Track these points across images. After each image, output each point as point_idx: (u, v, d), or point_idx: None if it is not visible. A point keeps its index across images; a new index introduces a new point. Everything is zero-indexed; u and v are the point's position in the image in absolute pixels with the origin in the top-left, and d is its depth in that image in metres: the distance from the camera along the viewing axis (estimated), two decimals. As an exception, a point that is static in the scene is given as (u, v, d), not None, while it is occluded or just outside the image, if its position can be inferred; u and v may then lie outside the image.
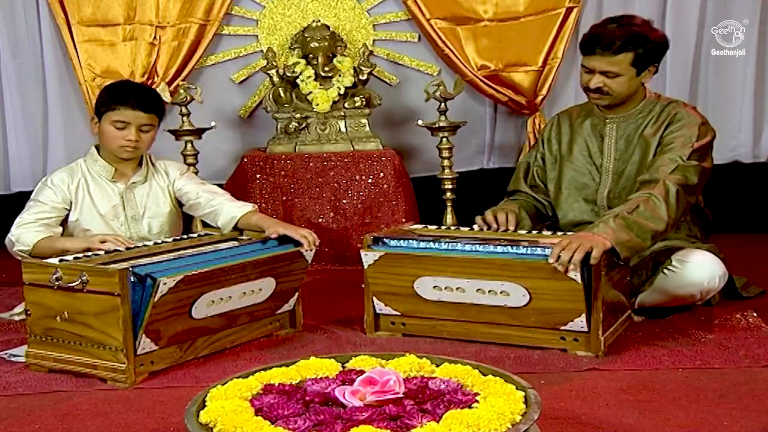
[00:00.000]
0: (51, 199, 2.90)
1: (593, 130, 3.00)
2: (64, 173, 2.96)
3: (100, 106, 2.93)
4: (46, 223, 2.85)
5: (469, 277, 2.58)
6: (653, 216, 2.60)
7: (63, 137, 4.43)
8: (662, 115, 2.88)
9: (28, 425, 2.14)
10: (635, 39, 2.80)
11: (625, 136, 2.92)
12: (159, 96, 3.13)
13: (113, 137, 2.90)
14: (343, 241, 4.01)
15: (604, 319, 2.48)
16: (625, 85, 2.85)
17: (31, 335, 2.52)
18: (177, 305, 2.42)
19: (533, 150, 3.20)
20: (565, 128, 3.07)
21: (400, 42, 4.52)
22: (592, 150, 2.98)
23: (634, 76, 2.84)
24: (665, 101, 2.94)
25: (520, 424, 1.64)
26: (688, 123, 2.82)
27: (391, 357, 1.99)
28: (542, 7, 4.32)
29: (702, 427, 2.00)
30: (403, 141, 4.54)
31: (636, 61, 2.81)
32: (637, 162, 2.87)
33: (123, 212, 2.97)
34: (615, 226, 2.53)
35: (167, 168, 3.07)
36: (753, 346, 2.55)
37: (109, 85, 3.08)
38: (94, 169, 2.97)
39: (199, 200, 3.00)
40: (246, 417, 1.67)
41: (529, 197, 3.11)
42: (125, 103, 2.88)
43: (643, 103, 2.92)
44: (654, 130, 2.86)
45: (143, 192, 3.00)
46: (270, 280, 2.68)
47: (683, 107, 2.90)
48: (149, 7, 4.32)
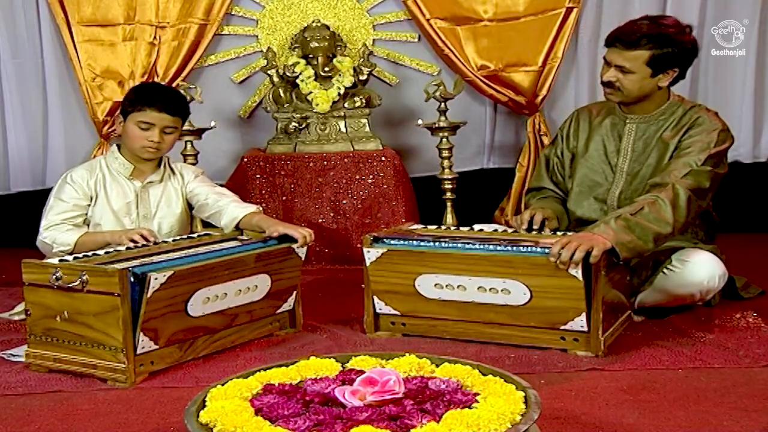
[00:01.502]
0: (72, 196, 2.94)
1: (612, 129, 2.98)
2: (83, 170, 3.01)
3: (128, 105, 2.97)
4: (75, 223, 2.91)
5: (471, 274, 2.58)
6: (657, 219, 2.59)
7: (63, 137, 4.43)
8: (684, 119, 2.85)
9: (28, 425, 2.14)
10: (656, 38, 2.76)
11: (644, 137, 2.90)
12: (185, 99, 3.17)
13: (137, 137, 2.92)
14: (343, 241, 4.01)
15: (604, 319, 2.48)
16: (637, 84, 2.82)
17: (30, 335, 2.52)
18: (171, 302, 2.43)
19: (553, 145, 3.17)
20: (584, 125, 3.05)
21: (400, 42, 4.52)
22: (609, 149, 2.96)
23: (648, 76, 2.81)
24: (688, 105, 2.91)
25: (520, 424, 1.64)
26: (708, 128, 2.79)
27: (391, 357, 1.99)
28: (542, 7, 4.31)
29: (702, 427, 2.00)
30: (403, 141, 4.54)
31: (652, 61, 2.78)
32: (653, 165, 2.85)
33: (136, 210, 3.00)
34: (616, 227, 2.53)
35: (183, 171, 3.12)
36: (753, 346, 2.55)
37: (138, 85, 3.18)
38: (113, 165, 3.00)
39: (207, 201, 3.03)
40: (246, 417, 1.67)
41: (555, 194, 3.09)
42: (152, 105, 2.91)
43: (665, 106, 2.90)
44: (673, 134, 2.84)
45: (157, 192, 3.03)
46: (265, 277, 2.68)
47: (705, 112, 2.87)
48: (149, 7, 4.32)
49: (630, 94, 2.85)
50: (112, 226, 2.93)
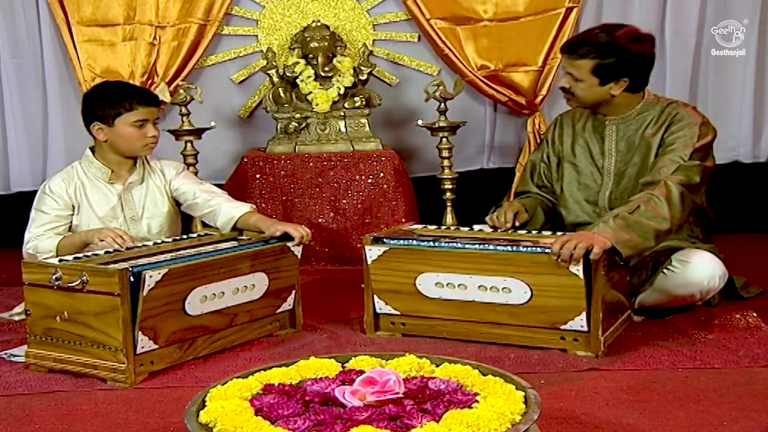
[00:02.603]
0: (53, 207, 2.91)
1: (594, 131, 2.99)
2: (60, 179, 2.96)
3: (109, 110, 2.88)
4: (57, 233, 2.89)
5: (472, 273, 2.58)
6: (655, 215, 2.60)
7: (63, 137, 4.42)
8: (662, 116, 2.87)
9: (28, 425, 2.14)
10: (601, 47, 2.79)
11: (626, 137, 2.92)
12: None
13: (136, 137, 2.90)
14: (342, 241, 4.01)
15: (603, 319, 2.49)
16: (588, 91, 2.85)
17: (30, 335, 2.52)
18: (169, 300, 2.43)
19: (538, 150, 3.20)
20: (568, 129, 3.07)
21: (400, 42, 4.52)
22: (594, 152, 2.98)
23: (596, 84, 2.83)
24: (665, 102, 2.93)
25: (519, 424, 1.64)
26: (689, 123, 2.81)
27: (391, 357, 1.99)
28: (542, 7, 4.32)
29: (702, 427, 2.00)
30: (403, 141, 4.54)
31: (597, 70, 2.80)
32: (638, 164, 2.87)
33: (122, 213, 2.97)
34: (615, 226, 2.53)
35: (163, 167, 3.07)
36: (753, 346, 2.55)
37: (105, 90, 3.00)
38: (90, 171, 2.97)
39: (197, 200, 3.00)
40: (246, 417, 1.67)
41: (538, 197, 3.11)
42: (140, 102, 2.90)
43: (641, 105, 2.91)
44: (654, 131, 2.86)
45: (140, 192, 3.00)
46: (262, 276, 2.69)
47: (683, 108, 2.89)
48: (149, 7, 4.32)
49: (584, 101, 2.89)
50: None
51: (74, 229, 2.93)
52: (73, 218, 2.93)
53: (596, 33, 2.86)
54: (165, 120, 4.35)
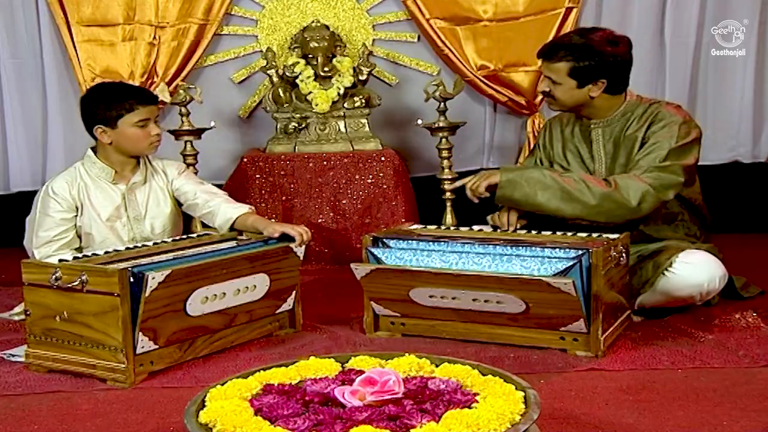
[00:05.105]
0: (57, 210, 2.91)
1: (582, 135, 3.01)
2: (62, 180, 2.95)
3: (111, 112, 2.89)
4: (66, 242, 2.89)
5: (464, 290, 2.57)
6: (576, 189, 2.71)
7: (63, 137, 4.42)
8: (644, 116, 2.89)
9: (27, 425, 2.13)
10: (575, 50, 2.82)
11: (612, 139, 2.93)
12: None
13: (141, 137, 2.91)
14: (342, 241, 4.01)
15: (603, 319, 2.48)
16: (567, 94, 2.88)
17: (30, 335, 2.52)
18: (170, 301, 2.43)
19: (531, 156, 3.23)
20: (557, 134, 3.10)
21: (400, 42, 4.52)
22: (584, 156, 3.00)
23: (574, 87, 2.85)
24: (647, 102, 2.94)
25: (519, 424, 1.64)
26: (669, 122, 2.82)
27: (391, 357, 1.99)
28: (542, 7, 4.32)
29: (702, 427, 2.00)
30: (403, 141, 4.54)
31: (573, 73, 2.83)
32: (623, 164, 2.89)
33: (125, 213, 2.97)
34: (520, 172, 2.81)
35: (165, 167, 3.08)
36: (752, 346, 2.55)
37: (103, 92, 2.98)
38: (93, 171, 2.97)
39: (197, 201, 3.00)
40: (245, 417, 1.67)
41: None
42: (141, 102, 2.91)
43: (624, 106, 2.93)
44: (636, 130, 2.88)
45: (144, 193, 3.01)
46: (263, 277, 2.68)
47: (665, 107, 2.90)
48: (149, 7, 4.33)
49: (565, 103, 2.92)
50: (104, 233, 2.92)
51: (78, 231, 2.93)
52: (78, 220, 2.94)
53: (571, 36, 2.91)
54: (165, 120, 4.36)
